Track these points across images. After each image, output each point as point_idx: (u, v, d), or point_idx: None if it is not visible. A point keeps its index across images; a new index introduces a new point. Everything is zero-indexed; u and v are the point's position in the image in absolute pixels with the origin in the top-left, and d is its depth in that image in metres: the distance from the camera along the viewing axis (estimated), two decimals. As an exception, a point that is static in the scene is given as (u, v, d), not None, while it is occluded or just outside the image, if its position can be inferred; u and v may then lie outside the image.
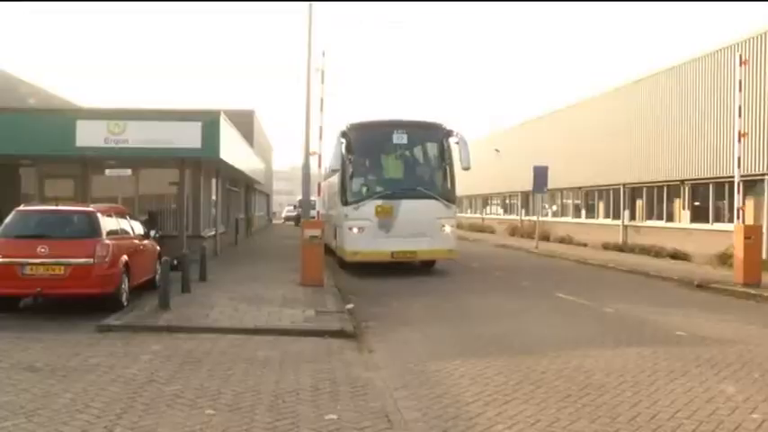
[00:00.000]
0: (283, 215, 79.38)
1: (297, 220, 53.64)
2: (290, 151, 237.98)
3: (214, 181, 26.23)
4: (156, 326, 11.28)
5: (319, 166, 19.14)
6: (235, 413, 6.87)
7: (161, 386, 7.79)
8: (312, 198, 20.06)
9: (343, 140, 20.72)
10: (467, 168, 21.30)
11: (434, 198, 20.82)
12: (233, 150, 23.63)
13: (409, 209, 20.27)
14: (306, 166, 19.15)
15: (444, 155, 21.64)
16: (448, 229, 21.11)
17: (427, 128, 22.00)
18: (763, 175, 21.85)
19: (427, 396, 7.70)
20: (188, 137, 19.09)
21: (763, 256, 19.61)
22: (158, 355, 9.38)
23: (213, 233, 25.78)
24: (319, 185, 19.49)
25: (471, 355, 9.83)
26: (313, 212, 19.91)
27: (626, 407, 7.31)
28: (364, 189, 20.82)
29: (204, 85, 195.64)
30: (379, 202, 20.34)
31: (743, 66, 18.59)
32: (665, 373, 8.78)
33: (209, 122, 19.41)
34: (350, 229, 20.63)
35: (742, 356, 9.85)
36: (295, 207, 67.20)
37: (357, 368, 8.92)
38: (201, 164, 22.23)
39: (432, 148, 21.99)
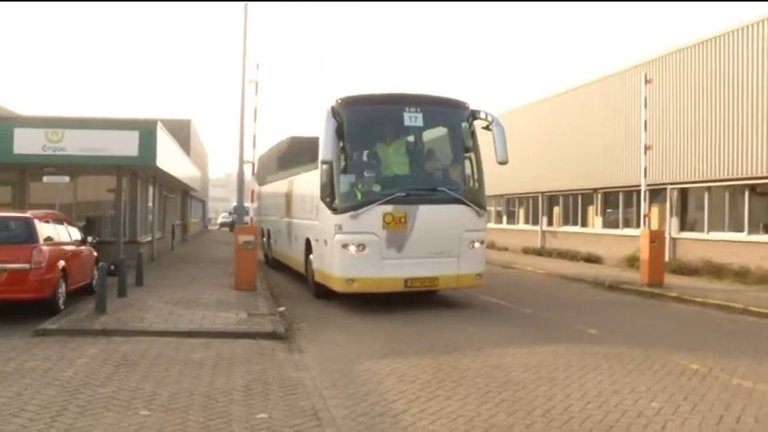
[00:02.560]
0: (219, 221, 78.44)
1: (231, 226, 53.08)
2: (225, 159, 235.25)
3: (151, 188, 25.80)
4: (92, 329, 11.01)
5: (253, 173, 19.00)
6: (169, 414, 6.77)
7: (96, 388, 7.62)
8: (246, 204, 19.86)
9: (333, 121, 13.85)
10: (503, 162, 14.77)
11: (463, 203, 14.39)
12: (170, 158, 23.26)
13: (430, 218, 13.99)
14: (240, 174, 19.01)
15: (472, 143, 15.07)
16: (479, 246, 14.76)
17: (449, 105, 15.33)
18: (665, 184, 22.59)
19: (355, 394, 7.73)
20: (125, 145, 18.73)
21: (666, 258, 20.23)
22: (94, 358, 9.17)
23: (150, 239, 25.37)
24: (252, 192, 19.27)
25: (397, 354, 9.88)
26: (247, 219, 19.71)
27: (541, 401, 7.46)
28: (365, 190, 13.95)
29: (143, 96, 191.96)
30: (389, 208, 13.76)
31: (647, 84, 19.16)
32: (578, 368, 8.99)
33: (147, 131, 19.08)
34: (344, 246, 13.86)
35: (646, 351, 10.16)
36: (230, 213, 66.49)
37: (288, 368, 8.87)
38: (139, 171, 21.88)
39: (455, 134, 15.26)
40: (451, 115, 15.24)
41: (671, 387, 8.06)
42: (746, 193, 20.06)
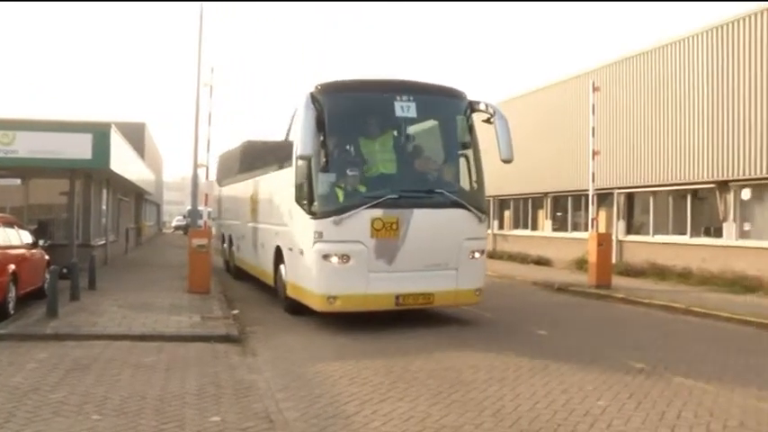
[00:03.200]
0: (173, 224, 77.48)
1: (186, 229, 52.51)
2: (181, 162, 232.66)
3: (105, 191, 25.36)
4: (43, 334, 10.76)
5: (207, 177, 18.82)
6: (121, 418, 6.66)
7: (46, 394, 7.45)
8: (200, 208, 19.64)
9: (312, 110, 11.80)
10: (507, 160, 13.15)
11: (463, 207, 12.51)
12: (123, 161, 22.91)
13: (426, 224, 12.07)
14: (194, 177, 18.85)
15: (471, 138, 13.25)
16: (479, 256, 12.88)
17: (446, 94, 13.40)
18: (613, 189, 22.99)
19: (307, 397, 7.69)
20: (79, 148, 18.39)
21: (613, 260, 20.56)
22: (44, 363, 8.97)
23: (103, 242, 24.92)
24: (206, 196, 19.04)
25: (350, 357, 9.85)
26: (201, 222, 19.51)
27: (491, 401, 7.51)
28: (349, 191, 12.05)
29: (97, 98, 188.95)
30: (378, 212, 11.78)
31: (595, 92, 19.47)
32: (528, 369, 9.08)
33: (100, 134, 18.77)
34: (324, 257, 11.81)
35: (593, 351, 10.33)
36: (184, 217, 65.74)
37: (241, 371, 8.80)
38: (92, 174, 21.49)
39: (453, 128, 13.45)
40: (449, 106, 13.30)
41: (617, 386, 8.19)
42: (689, 198, 20.57)
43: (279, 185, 14.78)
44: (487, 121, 13.20)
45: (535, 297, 17.92)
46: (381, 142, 12.84)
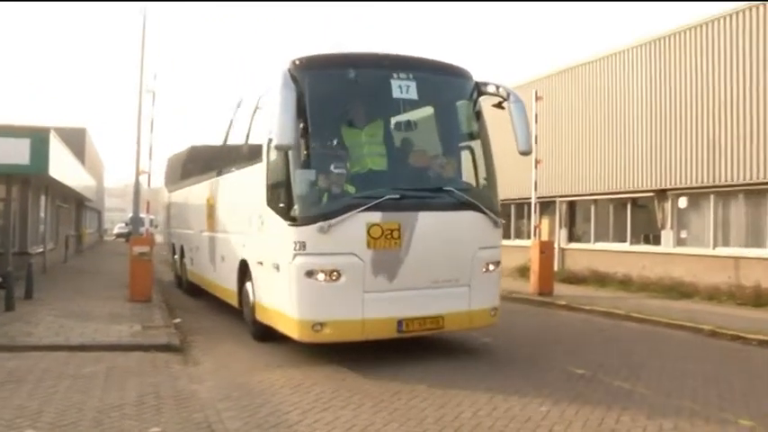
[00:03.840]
0: (115, 232, 76.04)
1: (128, 236, 51.60)
2: (123, 169, 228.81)
3: (43, 197, 24.78)
4: (-25, 345, 10.48)
5: (149, 184, 18.50)
6: (56, 431, 6.51)
7: (-23, 407, 7.25)
8: (142, 215, 19.30)
9: (292, 89, 9.37)
10: (526, 153, 11.16)
11: (476, 208, 10.28)
12: (63, 167, 22.37)
13: (433, 230, 9.83)
14: (136, 184, 18.54)
15: (479, 126, 11.12)
16: (494, 269, 10.66)
17: (452, 73, 11.09)
18: (555, 197, 23.37)
19: (249, 406, 7.61)
20: (16, 153, 17.85)
21: (555, 268, 20.88)
22: (-24, 375, 8.73)
23: (41, 250, 24.31)
24: (148, 203, 18.70)
25: (292, 366, 9.78)
26: (142, 229, 19.19)
27: (433, 409, 7.53)
28: (339, 191, 9.65)
29: (36, 103, 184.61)
30: (377, 216, 9.49)
31: (538, 101, 19.76)
32: (466, 378, 9.12)
33: (39, 139, 18.29)
34: (309, 274, 9.42)
35: (535, 357, 10.50)
36: (126, 224, 64.59)
37: (182, 381, 8.68)
38: (30, 180, 20.98)
39: (460, 113, 11.23)
40: (455, 87, 11.05)
41: (558, 392, 8.30)
42: (629, 206, 21.05)
43: (244, 186, 12.23)
44: (498, 105, 11.13)
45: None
46: (375, 130, 10.48)
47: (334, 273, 9.37)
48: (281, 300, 10.09)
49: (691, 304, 16.65)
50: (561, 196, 23.36)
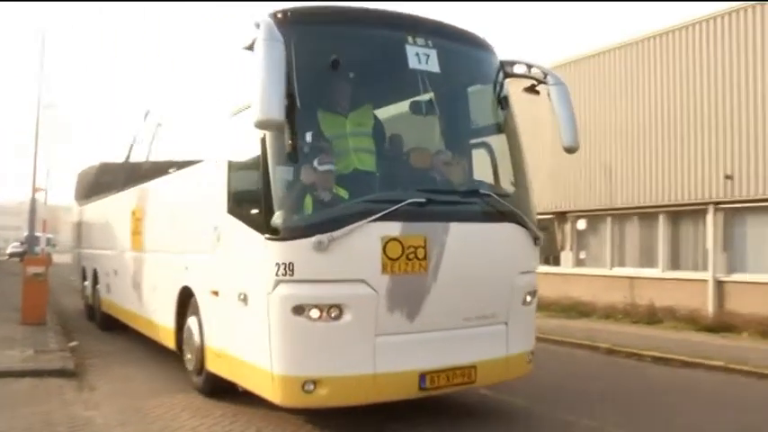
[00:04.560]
0: (8, 251, 72.91)
1: (23, 256, 49.57)
2: (18, 186, 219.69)
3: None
4: None
5: (45, 202, 17.88)
6: (-64, 464, 6.20)
7: None
8: (38, 234, 18.62)
9: (277, 48, 6.22)
10: (572, 149, 8.38)
11: (517, 219, 7.72)
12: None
13: (468, 248, 7.17)
14: (32, 202, 17.93)
15: (507, 115, 8.39)
16: (532, 300, 8.23)
17: (478, 45, 8.35)
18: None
19: (147, 431, 7.44)
20: None
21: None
22: None
23: (-73, 270, 23.13)
24: (45, 222, 18.07)
25: (193, 389, 9.49)
26: (38, 249, 18.51)
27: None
28: (339, 192, 6.80)
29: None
30: (395, 228, 6.69)
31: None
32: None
33: (-76, 155, 17.54)
34: (297, 311, 6.43)
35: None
36: (22, 243, 62.11)
37: (77, 407, 8.38)
38: None
39: (485, 96, 8.42)
40: (483, 63, 8.43)
41: (455, 408, 8.42)
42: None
43: (190, 189, 9.36)
44: (531, 89, 8.60)
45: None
46: (385, 110, 8.17)
47: (335, 308, 6.52)
48: (251, 345, 7.13)
49: (588, 323, 17.23)
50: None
